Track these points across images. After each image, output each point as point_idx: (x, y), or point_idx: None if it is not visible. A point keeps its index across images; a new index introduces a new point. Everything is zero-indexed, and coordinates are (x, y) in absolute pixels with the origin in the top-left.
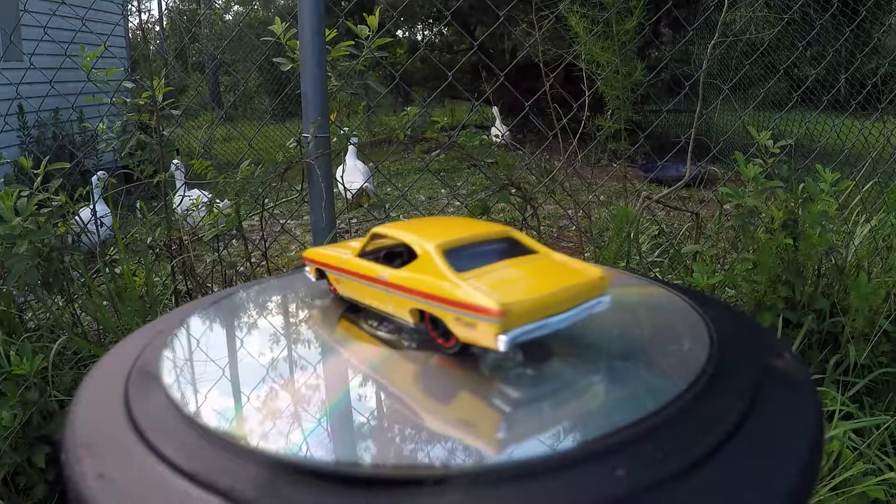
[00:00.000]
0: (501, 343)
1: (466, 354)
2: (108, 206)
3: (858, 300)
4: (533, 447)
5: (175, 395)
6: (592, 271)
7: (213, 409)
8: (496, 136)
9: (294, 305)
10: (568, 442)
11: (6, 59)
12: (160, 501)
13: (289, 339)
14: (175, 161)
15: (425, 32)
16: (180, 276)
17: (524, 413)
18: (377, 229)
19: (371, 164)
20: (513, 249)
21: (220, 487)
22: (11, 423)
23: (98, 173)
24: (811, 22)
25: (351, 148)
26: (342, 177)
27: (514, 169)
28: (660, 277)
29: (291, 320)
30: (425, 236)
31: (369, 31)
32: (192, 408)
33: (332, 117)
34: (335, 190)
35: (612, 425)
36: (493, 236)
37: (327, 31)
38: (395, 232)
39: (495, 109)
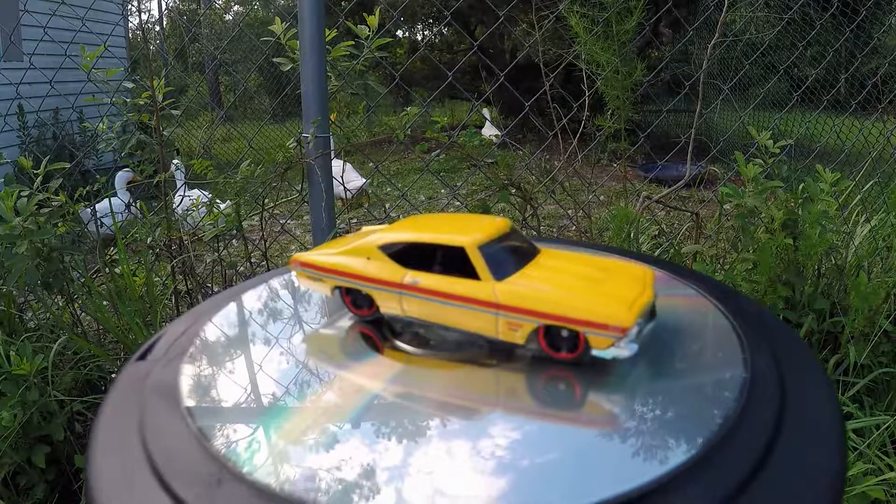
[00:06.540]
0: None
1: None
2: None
3: (858, 300)
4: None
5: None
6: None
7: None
8: (494, 136)
9: (304, 310)
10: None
11: (6, 59)
12: None
13: (314, 357)
14: (175, 161)
15: (425, 32)
16: (180, 276)
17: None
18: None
19: (370, 163)
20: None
21: None
22: (11, 423)
23: (121, 171)
24: (811, 22)
25: None
26: (342, 176)
27: (514, 169)
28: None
29: (310, 329)
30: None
31: (369, 31)
32: (218, 447)
33: (332, 117)
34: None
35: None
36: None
37: (327, 31)
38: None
39: (486, 111)
